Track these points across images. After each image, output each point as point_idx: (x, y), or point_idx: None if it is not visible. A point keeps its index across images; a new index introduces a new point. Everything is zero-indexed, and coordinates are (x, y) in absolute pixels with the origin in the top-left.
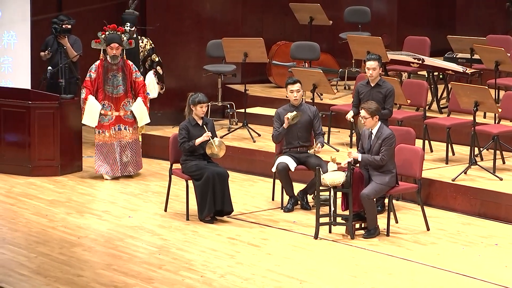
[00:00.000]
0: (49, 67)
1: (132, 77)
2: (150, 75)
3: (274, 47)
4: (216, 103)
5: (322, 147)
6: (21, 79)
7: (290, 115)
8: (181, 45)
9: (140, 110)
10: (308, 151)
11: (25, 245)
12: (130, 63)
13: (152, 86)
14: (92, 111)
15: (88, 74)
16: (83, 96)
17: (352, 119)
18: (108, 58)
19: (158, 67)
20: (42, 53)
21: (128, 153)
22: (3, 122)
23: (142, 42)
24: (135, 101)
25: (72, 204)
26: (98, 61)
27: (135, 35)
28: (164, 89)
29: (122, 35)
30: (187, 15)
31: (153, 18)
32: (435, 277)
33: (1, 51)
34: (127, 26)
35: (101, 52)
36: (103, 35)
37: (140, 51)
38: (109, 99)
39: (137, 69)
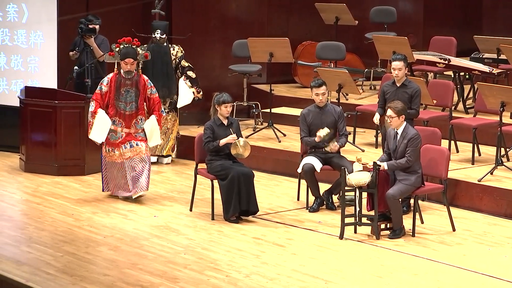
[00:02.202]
0: (75, 67)
1: (147, 93)
2: (181, 83)
3: (300, 47)
4: (242, 103)
5: (340, 147)
6: (48, 79)
7: (322, 133)
8: (206, 45)
9: (152, 128)
10: (324, 149)
11: (51, 244)
12: (145, 78)
13: (184, 93)
14: (101, 126)
15: (99, 86)
16: (91, 109)
17: (379, 121)
18: (122, 72)
19: (189, 72)
20: (70, 53)
21: (135, 171)
22: (30, 122)
23: (174, 49)
24: (148, 118)
25: (97, 204)
26: (111, 74)
27: (165, 44)
28: (201, 93)
29: (138, 48)
30: (212, 15)
31: (179, 18)
32: (460, 278)
33: (27, 51)
34: (157, 33)
35: (115, 66)
36: (118, 48)
37: (172, 59)
38: (121, 116)
39: (152, 84)
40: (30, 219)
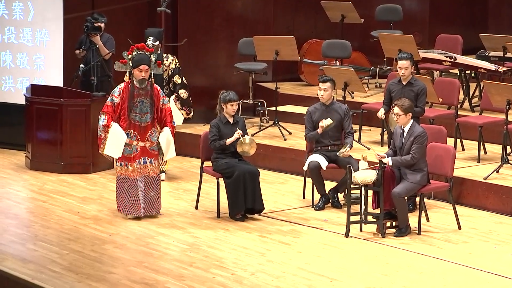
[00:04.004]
0: (81, 65)
1: (160, 103)
2: (172, 104)
3: (306, 45)
4: (247, 101)
5: (350, 149)
6: (53, 77)
7: (324, 123)
8: (211, 43)
9: (168, 142)
10: (337, 154)
11: (57, 242)
12: (158, 87)
13: (174, 114)
14: (117, 140)
15: (109, 98)
16: (103, 122)
17: (383, 116)
18: (134, 82)
19: (181, 90)
20: (76, 51)
21: (152, 190)
22: (35, 120)
23: (167, 60)
24: (160, 129)
25: (103, 201)
26: (123, 84)
27: (159, 51)
28: (192, 113)
29: (151, 55)
30: (218, 13)
31: (184, 16)
32: (466, 276)
33: (33, 49)
34: (149, 41)
35: (127, 74)
36: (130, 56)
37: (164, 69)
38: (135, 128)
39: (164, 94)
40: (36, 217)
